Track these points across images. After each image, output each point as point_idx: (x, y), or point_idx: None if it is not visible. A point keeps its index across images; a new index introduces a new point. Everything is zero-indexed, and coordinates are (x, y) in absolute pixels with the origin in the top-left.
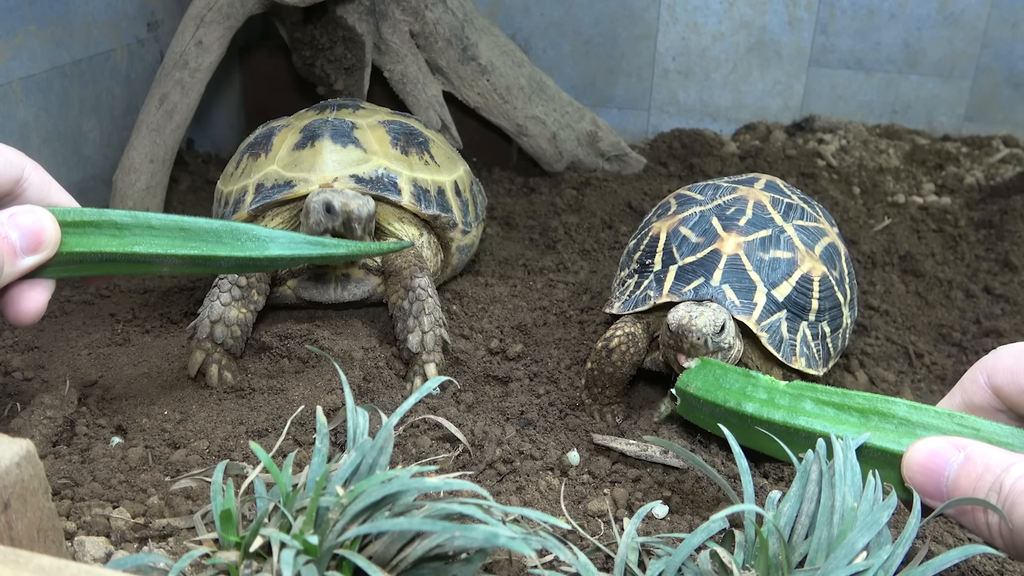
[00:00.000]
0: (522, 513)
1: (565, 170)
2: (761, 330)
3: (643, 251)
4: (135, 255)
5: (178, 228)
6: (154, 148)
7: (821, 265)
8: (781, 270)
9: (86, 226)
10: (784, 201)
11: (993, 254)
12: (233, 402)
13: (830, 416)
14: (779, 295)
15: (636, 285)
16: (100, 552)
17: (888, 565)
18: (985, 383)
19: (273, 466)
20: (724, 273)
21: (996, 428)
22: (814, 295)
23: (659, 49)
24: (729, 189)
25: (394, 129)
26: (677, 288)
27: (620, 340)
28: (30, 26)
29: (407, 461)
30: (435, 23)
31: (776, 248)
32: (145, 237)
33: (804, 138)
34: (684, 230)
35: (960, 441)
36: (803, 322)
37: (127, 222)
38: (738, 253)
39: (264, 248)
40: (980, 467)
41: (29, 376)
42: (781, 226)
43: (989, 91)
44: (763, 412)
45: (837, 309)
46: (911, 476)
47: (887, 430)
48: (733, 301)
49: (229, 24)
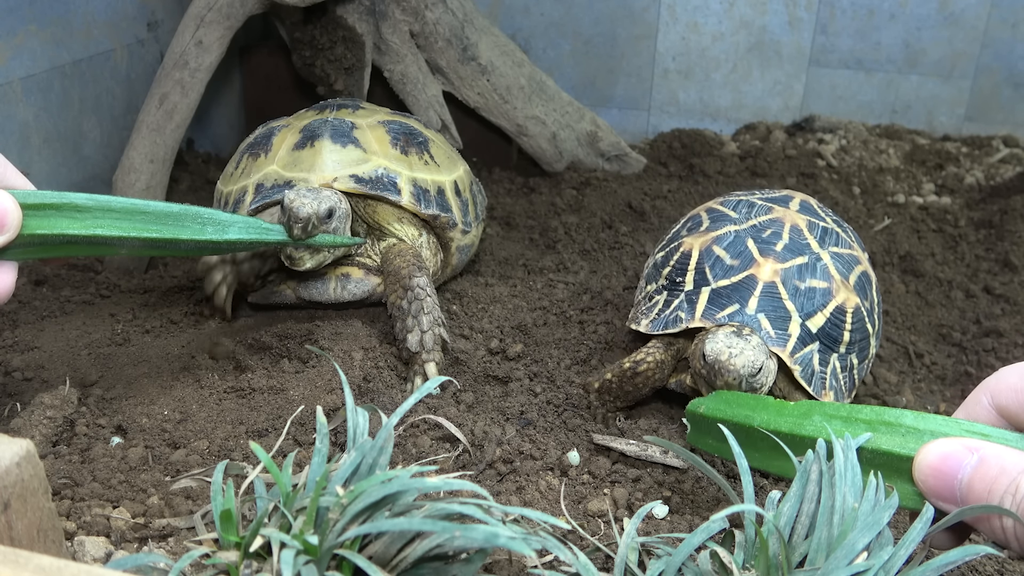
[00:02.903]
0: (522, 513)
1: (565, 170)
2: (795, 363)
3: (673, 267)
4: (96, 237)
5: (139, 211)
6: (154, 148)
7: (855, 296)
8: (816, 300)
9: (47, 208)
10: (820, 225)
11: (993, 254)
12: (233, 402)
13: (837, 428)
14: (813, 326)
15: (666, 304)
16: (100, 552)
17: (889, 566)
18: (989, 404)
19: (273, 466)
20: (760, 301)
21: (1006, 434)
22: (847, 327)
23: (659, 49)
24: (764, 208)
25: (394, 129)
26: (711, 313)
27: (649, 366)
28: (30, 26)
29: (407, 461)
30: (435, 23)
31: (812, 277)
32: (106, 219)
33: (804, 138)
34: (718, 250)
35: (973, 443)
36: (834, 354)
37: (88, 205)
38: (775, 280)
39: (224, 231)
40: (995, 469)
41: (29, 376)
42: (817, 253)
43: (989, 91)
44: (770, 423)
45: (866, 340)
46: (923, 479)
47: (895, 437)
48: (768, 332)
49: (229, 24)
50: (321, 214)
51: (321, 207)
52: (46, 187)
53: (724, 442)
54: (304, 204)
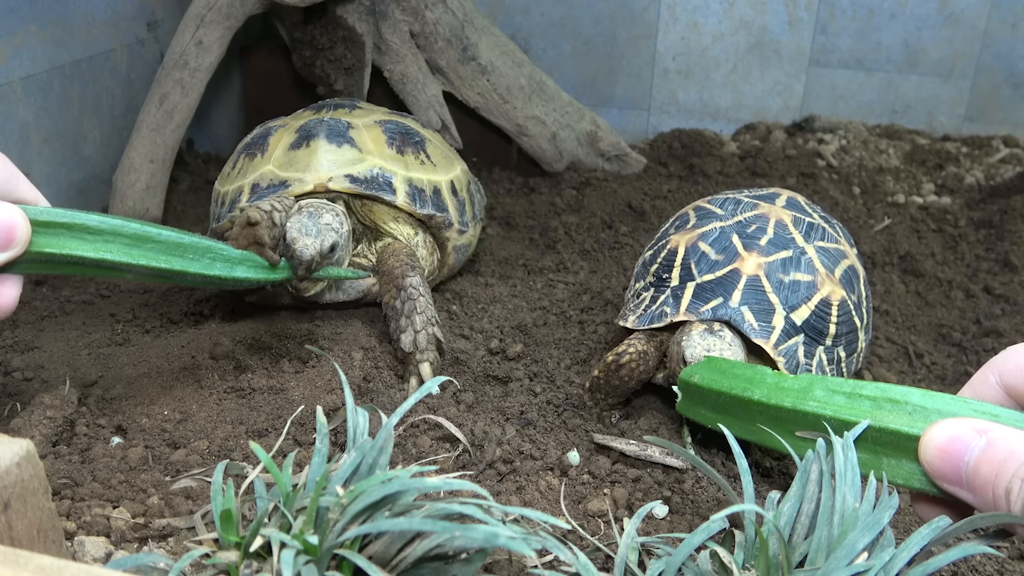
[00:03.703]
0: (522, 513)
1: (565, 170)
2: (778, 355)
3: (660, 264)
4: (104, 261)
5: (150, 239)
6: (154, 148)
7: (840, 289)
8: (800, 293)
9: (57, 227)
10: (805, 220)
11: (993, 254)
12: (233, 402)
13: (840, 403)
14: (797, 319)
15: (652, 300)
16: (100, 552)
17: (890, 567)
18: (996, 382)
19: (273, 466)
20: (743, 294)
21: (1015, 415)
22: (832, 320)
23: (659, 49)
24: (750, 205)
25: (390, 129)
26: (695, 307)
27: (631, 357)
28: (30, 26)
29: (407, 461)
30: (435, 23)
31: (796, 270)
32: (116, 244)
33: (804, 138)
34: (703, 246)
35: (981, 424)
36: (820, 347)
37: (99, 227)
38: (758, 274)
39: (231, 269)
40: (1003, 452)
41: (29, 376)
42: (802, 247)
43: (989, 91)
44: (771, 398)
45: (853, 334)
46: (929, 460)
47: (901, 416)
48: (751, 324)
49: (229, 24)
50: (324, 251)
51: (324, 244)
52: (46, 187)
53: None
54: (307, 246)
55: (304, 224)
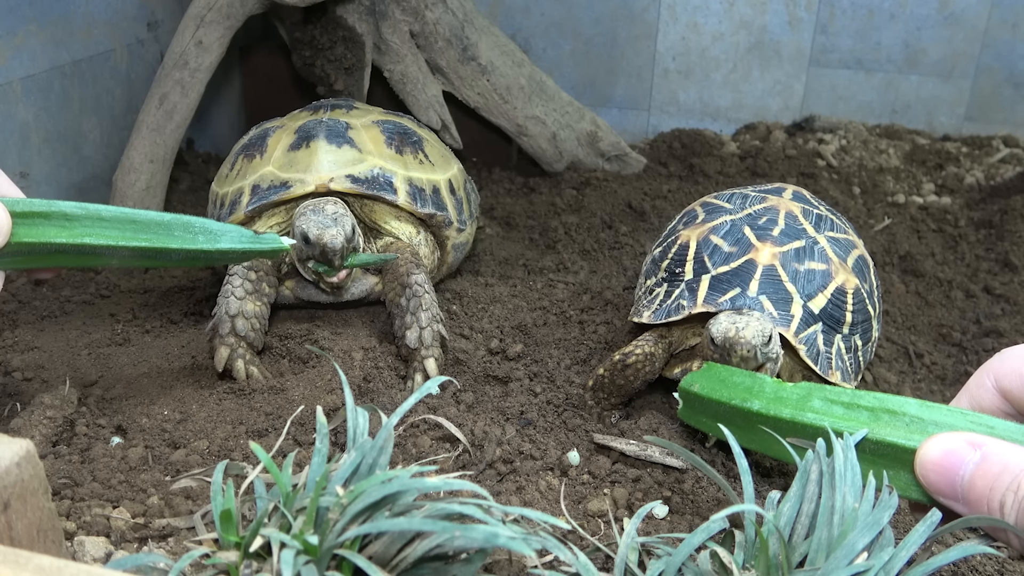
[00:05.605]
0: (522, 513)
1: (565, 170)
2: (799, 343)
3: (672, 259)
4: (85, 246)
5: (129, 220)
6: (154, 148)
7: (854, 277)
8: (816, 282)
9: (35, 217)
10: (814, 212)
11: (993, 254)
12: (233, 402)
13: (839, 414)
14: (815, 307)
15: (667, 295)
16: (100, 552)
17: (890, 567)
18: (992, 386)
19: (273, 466)
20: (760, 284)
21: (1011, 426)
22: (848, 308)
23: (659, 49)
24: (758, 198)
25: (388, 129)
26: (712, 298)
27: (638, 358)
28: (30, 26)
29: (407, 461)
30: (435, 23)
31: (810, 259)
32: (95, 228)
33: (804, 138)
34: (715, 239)
35: (976, 438)
36: (838, 335)
37: (77, 213)
38: (774, 264)
39: (215, 241)
40: (997, 467)
41: (29, 376)
42: (814, 237)
43: (989, 91)
44: (770, 409)
45: (868, 322)
46: (924, 474)
47: (898, 427)
48: (771, 312)
49: (229, 24)
50: (349, 235)
51: (347, 228)
52: (46, 187)
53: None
54: (335, 236)
55: (317, 220)
